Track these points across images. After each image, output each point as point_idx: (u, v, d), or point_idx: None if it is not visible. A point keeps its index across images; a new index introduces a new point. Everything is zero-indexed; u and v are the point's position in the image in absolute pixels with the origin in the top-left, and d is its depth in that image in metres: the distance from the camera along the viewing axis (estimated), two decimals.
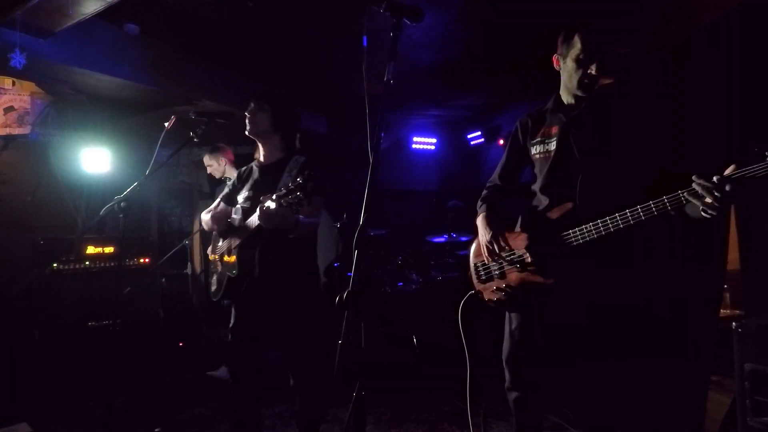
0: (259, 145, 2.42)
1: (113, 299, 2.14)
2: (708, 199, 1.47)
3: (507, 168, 2.19)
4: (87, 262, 3.86)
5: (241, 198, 2.40)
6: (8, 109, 4.03)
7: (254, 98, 2.35)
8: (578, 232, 1.77)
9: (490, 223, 2.05)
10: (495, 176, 2.23)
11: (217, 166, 3.80)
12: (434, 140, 6.69)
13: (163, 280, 4.92)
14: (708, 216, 1.52)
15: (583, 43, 1.79)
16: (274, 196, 1.90)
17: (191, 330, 4.88)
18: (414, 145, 6.62)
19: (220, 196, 2.66)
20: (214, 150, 3.80)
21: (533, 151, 2.02)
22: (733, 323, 2.01)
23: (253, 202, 2.27)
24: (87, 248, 3.89)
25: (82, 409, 3.17)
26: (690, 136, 2.38)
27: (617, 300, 1.78)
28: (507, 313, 2.05)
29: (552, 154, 1.92)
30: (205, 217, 2.48)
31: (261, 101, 2.32)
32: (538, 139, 2.00)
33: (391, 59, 1.36)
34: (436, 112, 6.01)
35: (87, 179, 4.37)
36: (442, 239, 4.69)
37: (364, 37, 1.35)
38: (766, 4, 2.30)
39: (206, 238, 4.08)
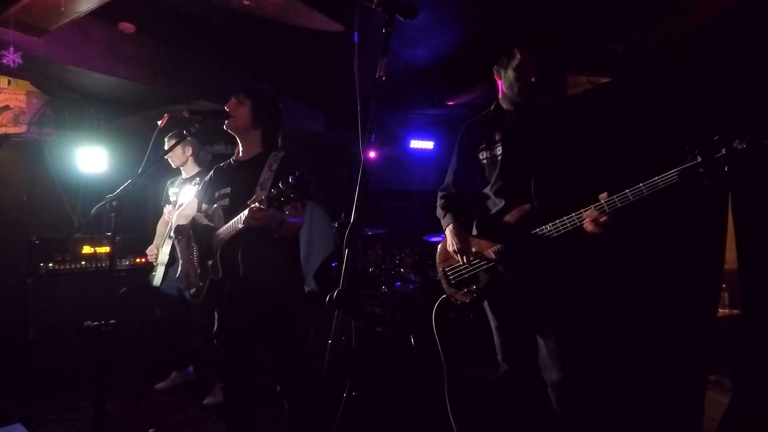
0: (238, 142, 2.32)
1: (108, 299, 2.11)
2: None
3: (459, 174, 2.24)
4: (83, 262, 3.84)
5: (218, 195, 2.29)
6: (3, 109, 4.01)
7: (234, 92, 2.26)
8: (539, 233, 1.83)
9: (458, 233, 2.11)
10: (449, 184, 2.28)
11: (182, 154, 3.51)
12: (432, 140, 6.67)
13: None
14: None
15: (522, 56, 1.93)
16: (263, 197, 1.82)
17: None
18: (412, 145, 6.59)
19: (194, 194, 2.51)
20: (185, 137, 3.03)
21: (481, 156, 2.07)
22: (731, 323, 2.01)
23: (232, 200, 2.20)
24: (82, 248, 3.87)
25: (78, 409, 3.15)
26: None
27: (594, 299, 1.84)
28: (488, 313, 2.10)
29: (499, 158, 1.98)
30: (180, 218, 2.41)
31: (240, 95, 2.24)
32: (484, 144, 2.05)
33: (383, 55, 1.34)
34: (435, 112, 5.99)
35: (83, 179, 4.34)
36: (440, 239, 4.67)
37: (355, 34, 1.33)
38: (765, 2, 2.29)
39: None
